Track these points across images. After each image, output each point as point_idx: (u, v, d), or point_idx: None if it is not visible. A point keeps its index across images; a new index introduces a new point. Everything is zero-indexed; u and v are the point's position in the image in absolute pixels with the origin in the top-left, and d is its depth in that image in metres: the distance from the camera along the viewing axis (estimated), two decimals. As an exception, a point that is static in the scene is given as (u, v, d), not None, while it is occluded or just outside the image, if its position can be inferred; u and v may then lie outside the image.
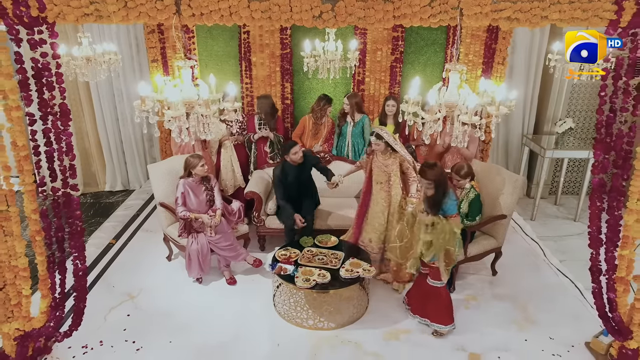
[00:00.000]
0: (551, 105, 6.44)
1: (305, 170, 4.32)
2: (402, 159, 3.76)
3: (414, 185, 3.73)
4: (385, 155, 3.77)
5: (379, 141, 3.67)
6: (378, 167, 3.82)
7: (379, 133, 3.67)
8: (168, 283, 4.13)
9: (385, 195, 3.83)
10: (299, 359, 3.23)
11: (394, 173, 3.76)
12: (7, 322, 3.03)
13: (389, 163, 3.76)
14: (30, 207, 2.74)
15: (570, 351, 3.33)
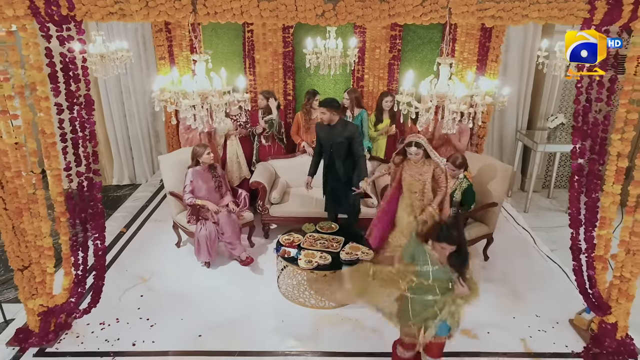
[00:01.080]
0: (543, 102, 6.68)
1: (338, 135, 4.13)
2: (435, 164, 3.63)
3: (439, 195, 3.65)
4: (419, 164, 3.63)
5: (419, 150, 3.52)
6: (411, 176, 3.66)
7: (418, 142, 3.51)
8: (178, 267, 4.37)
9: (420, 204, 3.71)
10: (302, 334, 3.48)
11: (428, 181, 3.64)
12: (32, 299, 3.28)
13: (424, 171, 3.62)
14: (56, 190, 2.99)
15: (555, 327, 3.57)
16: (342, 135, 4.09)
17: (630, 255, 3.02)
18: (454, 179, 4.09)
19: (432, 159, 3.59)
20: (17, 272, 3.21)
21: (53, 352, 3.34)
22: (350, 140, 4.11)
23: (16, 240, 3.10)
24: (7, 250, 3.14)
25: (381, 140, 5.30)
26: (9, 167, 2.90)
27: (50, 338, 3.37)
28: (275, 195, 4.76)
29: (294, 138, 5.30)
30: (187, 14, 2.46)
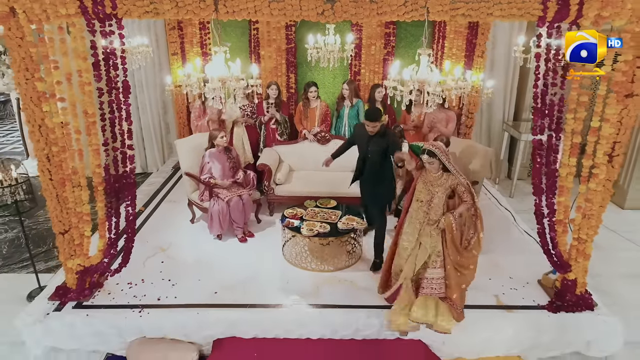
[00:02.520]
0: (528, 95, 7.20)
1: (377, 145, 4.03)
2: (455, 182, 3.30)
3: (463, 206, 3.34)
4: (436, 175, 3.34)
5: (432, 159, 3.26)
6: (424, 183, 3.39)
7: (431, 150, 3.23)
8: (193, 239, 4.89)
9: (423, 217, 3.42)
10: (304, 292, 3.99)
11: (438, 195, 3.33)
12: (71, 259, 3.79)
13: (439, 184, 3.33)
14: (95, 162, 3.50)
15: (525, 286, 4.09)
16: (382, 145, 4.01)
17: (585, 219, 3.54)
18: None
19: (451, 173, 3.29)
20: (59, 235, 3.72)
21: (89, 305, 3.86)
22: (387, 148, 4.02)
23: (59, 207, 3.61)
24: (51, 216, 3.65)
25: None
26: (55, 142, 3.40)
27: (86, 294, 3.89)
28: (279, 176, 5.28)
29: (297, 126, 5.82)
30: (210, 12, 2.97)
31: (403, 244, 3.52)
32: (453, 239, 3.37)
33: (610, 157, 3.33)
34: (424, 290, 3.51)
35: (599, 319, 3.72)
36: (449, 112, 5.43)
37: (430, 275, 3.50)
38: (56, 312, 3.78)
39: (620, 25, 3.03)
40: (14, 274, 5.11)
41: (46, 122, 3.33)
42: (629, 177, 6.76)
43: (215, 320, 3.72)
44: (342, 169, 5.57)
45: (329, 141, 5.59)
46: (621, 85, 3.13)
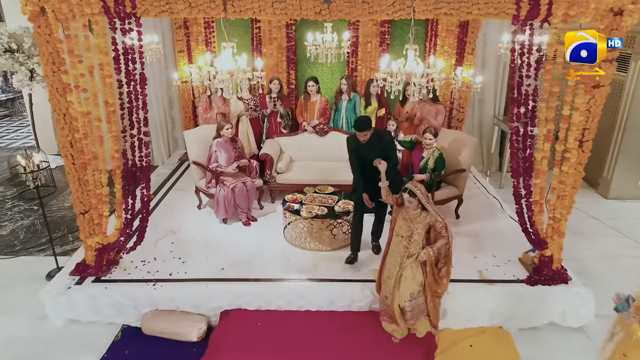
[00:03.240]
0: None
1: (372, 150, 4.07)
2: (433, 219, 3.45)
3: (441, 240, 3.50)
4: (415, 212, 3.49)
5: (412, 199, 3.40)
6: (404, 220, 3.53)
7: (412, 190, 3.39)
8: (200, 223, 5.25)
9: (403, 252, 3.56)
10: (303, 268, 4.35)
11: (417, 232, 3.48)
12: (90, 237, 4.14)
13: (418, 221, 3.48)
14: (114, 147, 3.86)
15: (507, 264, 4.45)
16: (377, 149, 4.06)
17: (559, 199, 3.89)
18: (428, 149, 4.95)
19: (429, 212, 3.45)
20: (80, 215, 4.08)
21: (106, 279, 4.22)
22: (385, 148, 4.10)
23: (80, 189, 3.97)
24: (73, 197, 4.01)
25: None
26: (77, 130, 3.76)
27: (103, 270, 4.25)
28: (281, 165, 5.64)
29: (298, 118, 6.18)
30: (219, 11, 3.32)
31: (387, 274, 3.72)
32: (432, 270, 3.60)
33: (580, 142, 3.68)
34: (410, 321, 3.73)
35: (573, 291, 4.07)
36: (438, 106, 5.80)
37: (412, 307, 3.67)
38: (77, 285, 4.14)
39: (585, 22, 3.39)
40: (32, 257, 5.46)
41: (70, 111, 3.68)
42: (612, 169, 7.11)
43: (222, 292, 4.08)
44: (338, 159, 5.93)
45: (326, 133, 5.95)
46: (589, 77, 3.48)
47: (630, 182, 7.08)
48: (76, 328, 4.22)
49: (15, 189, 7.42)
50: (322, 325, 3.99)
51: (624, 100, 6.79)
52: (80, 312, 4.18)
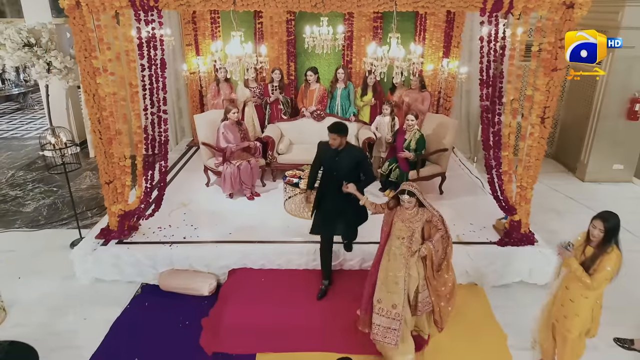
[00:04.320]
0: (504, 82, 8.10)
1: (343, 160, 4.01)
2: (430, 215, 3.50)
3: (438, 234, 3.54)
4: (412, 211, 3.50)
5: (412, 199, 3.41)
6: (402, 221, 3.52)
7: (411, 190, 3.39)
8: (209, 198, 5.82)
9: (406, 252, 3.53)
10: (302, 233, 4.89)
11: (417, 230, 3.50)
12: (114, 204, 4.71)
13: (416, 219, 3.49)
14: (136, 124, 4.42)
15: (482, 230, 5.02)
16: (349, 160, 4.00)
17: (525, 170, 4.46)
18: (410, 131, 5.50)
19: (426, 208, 3.49)
20: (105, 185, 4.63)
21: (128, 242, 4.79)
22: (358, 165, 4.03)
23: (106, 161, 4.53)
24: (100, 168, 4.57)
25: (365, 109, 6.76)
26: (104, 109, 4.32)
27: (125, 234, 4.81)
28: (281, 147, 6.20)
29: (298, 105, 6.76)
30: (229, 4, 3.89)
31: (394, 280, 3.57)
32: (432, 264, 3.60)
33: (542, 119, 4.25)
34: (419, 312, 3.68)
35: (538, 251, 4.64)
36: (424, 93, 6.40)
37: (421, 298, 3.66)
38: (103, 246, 4.71)
39: (544, 14, 3.95)
40: (56, 230, 6.04)
41: (99, 91, 4.24)
42: (588, 154, 7.68)
43: (230, 252, 4.65)
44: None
45: (323, 118, 6.51)
46: (547, 61, 4.05)
47: (605, 166, 7.65)
48: (101, 286, 4.78)
49: (34, 173, 8.00)
50: (317, 281, 4.55)
51: (598, 91, 7.36)
52: (104, 271, 4.74)
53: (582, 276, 3.07)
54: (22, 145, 9.67)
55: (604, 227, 3.00)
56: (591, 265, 3.05)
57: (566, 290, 3.25)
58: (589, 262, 3.07)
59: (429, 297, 3.67)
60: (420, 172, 5.59)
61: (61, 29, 8.93)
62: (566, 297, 3.25)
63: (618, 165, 7.64)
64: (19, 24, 8.47)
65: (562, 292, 3.30)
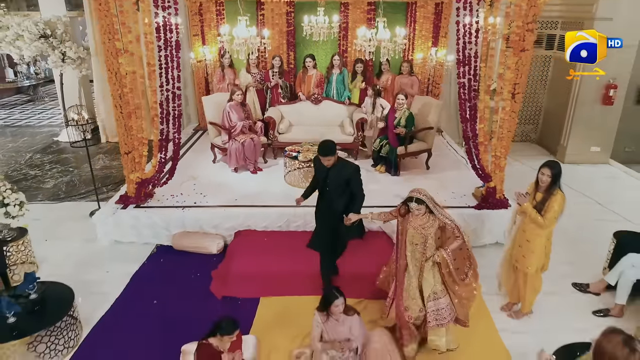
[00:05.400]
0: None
1: (335, 178, 4.02)
2: (442, 222, 3.46)
3: (456, 242, 3.50)
4: (424, 218, 3.48)
5: (420, 206, 3.39)
6: (414, 229, 3.50)
7: (419, 198, 3.37)
8: (216, 172, 6.37)
9: (420, 257, 3.55)
10: (301, 199, 5.47)
11: (431, 236, 3.48)
12: (132, 173, 5.26)
13: (428, 225, 3.46)
14: (152, 99, 4.98)
15: (462, 197, 5.58)
16: (340, 177, 4.01)
17: (499, 140, 5.01)
18: (400, 109, 6.05)
19: (436, 215, 3.45)
20: (124, 155, 5.18)
21: (144, 206, 5.34)
22: (349, 182, 4.01)
23: (126, 133, 5.07)
24: (120, 140, 5.11)
25: (355, 92, 7.34)
26: (125, 85, 4.87)
27: (142, 199, 5.37)
28: (282, 127, 6.76)
29: (297, 89, 7.32)
30: (237, -6, 4.45)
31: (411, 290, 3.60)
32: (450, 273, 3.54)
33: (513, 94, 4.80)
34: (430, 323, 3.56)
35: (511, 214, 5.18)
36: (412, 77, 7.00)
37: (436, 307, 3.56)
38: (122, 210, 5.27)
39: (513, 1, 4.51)
40: (75, 202, 6.60)
41: (120, 70, 4.79)
42: (567, 138, 8.25)
43: (236, 215, 5.21)
44: (329, 124, 7.06)
45: (320, 102, 7.07)
46: (516, 43, 4.60)
47: (583, 149, 8.21)
48: (119, 247, 5.35)
49: (50, 155, 8.55)
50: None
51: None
52: (123, 233, 5.30)
53: (537, 217, 3.63)
54: (36, 132, 10.23)
55: (551, 173, 3.56)
56: (542, 207, 3.62)
57: (523, 233, 3.82)
58: (540, 205, 3.63)
59: (449, 305, 3.57)
60: (408, 148, 6.15)
61: (74, 22, 9.50)
62: (523, 238, 3.81)
63: (595, 147, 8.20)
64: (36, 16, 9.02)
65: (519, 235, 3.87)
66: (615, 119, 7.98)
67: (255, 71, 7.16)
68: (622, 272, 4.11)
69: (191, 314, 4.17)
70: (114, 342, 3.87)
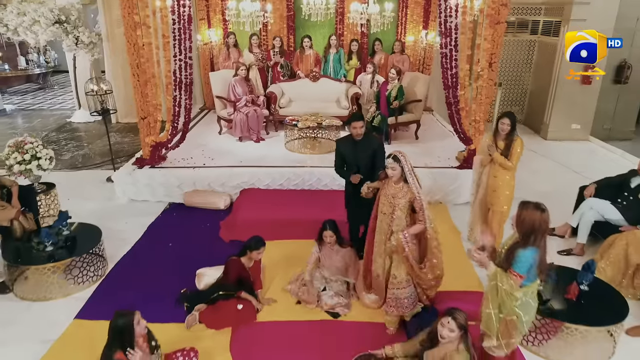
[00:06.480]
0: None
1: (364, 151, 4.03)
2: (413, 196, 3.32)
3: (417, 226, 3.36)
4: (397, 185, 3.37)
5: (396, 165, 3.29)
6: (385, 196, 3.44)
7: (397, 156, 3.29)
8: (222, 143, 6.94)
9: (387, 229, 3.46)
10: (300, 161, 6.02)
11: (399, 207, 3.35)
12: (148, 137, 5.81)
13: (400, 196, 3.35)
14: (167, 68, 5.54)
15: (447, 160, 6.14)
16: (368, 149, 4.03)
17: (478, 105, 5.57)
18: (392, 82, 6.61)
19: (410, 186, 3.32)
20: (140, 120, 5.74)
21: (158, 167, 5.91)
22: (375, 153, 4.01)
23: (142, 99, 5.63)
24: (136, 106, 5.67)
25: (350, 71, 7.91)
26: (142, 56, 5.43)
27: (156, 161, 5.93)
28: (283, 101, 7.33)
29: (294, 68, 7.89)
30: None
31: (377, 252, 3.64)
32: (407, 258, 3.39)
33: (490, 63, 5.36)
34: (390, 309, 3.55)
35: (489, 173, 5.75)
36: (403, 56, 7.60)
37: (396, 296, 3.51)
38: (139, 169, 5.83)
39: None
40: (92, 170, 7.16)
41: (138, 41, 5.35)
42: (549, 114, 8.81)
43: (241, 174, 5.78)
44: (326, 100, 7.61)
45: (318, 79, 7.64)
46: (492, 16, 5.17)
47: (564, 126, 8.77)
48: (135, 204, 5.91)
49: (65, 134, 9.11)
50: (313, 197, 5.66)
51: (557, 60, 8.48)
52: (139, 191, 5.86)
53: (505, 162, 4.20)
54: (49, 115, 10.79)
55: (509, 122, 4.13)
56: (507, 152, 4.18)
57: (495, 178, 4.37)
58: (505, 151, 4.20)
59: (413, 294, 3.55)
60: (398, 119, 6.71)
61: (87, 9, 10.07)
62: (496, 183, 4.37)
63: (575, 125, 8.76)
64: (50, 4, 9.57)
65: (491, 181, 4.42)
66: (593, 98, 8.54)
67: (257, 51, 7.73)
68: (583, 213, 4.67)
69: (203, 254, 4.71)
70: (134, 274, 4.42)
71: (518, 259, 2.59)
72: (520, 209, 2.66)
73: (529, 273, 2.62)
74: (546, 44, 8.94)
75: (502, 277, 2.62)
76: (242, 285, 3.77)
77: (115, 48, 9.12)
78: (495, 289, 2.67)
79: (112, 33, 9.14)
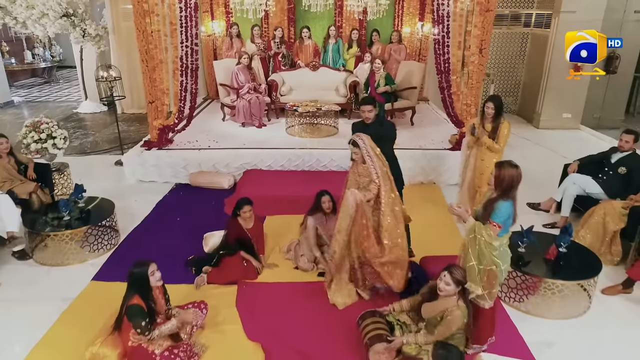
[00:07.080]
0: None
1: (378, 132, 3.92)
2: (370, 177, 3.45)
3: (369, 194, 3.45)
4: (364, 165, 3.47)
5: (356, 149, 3.42)
6: (353, 173, 3.55)
7: (355, 140, 3.43)
8: (225, 128, 7.24)
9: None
10: (300, 144, 6.32)
11: (363, 186, 3.47)
12: (155, 120, 6.12)
13: (365, 174, 3.47)
14: (174, 54, 5.84)
15: (440, 143, 6.43)
16: (382, 130, 4.06)
17: (469, 90, 5.88)
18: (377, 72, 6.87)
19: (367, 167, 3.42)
20: (148, 104, 6.04)
21: (165, 149, 6.21)
22: (387, 138, 4.05)
23: (150, 84, 5.93)
24: (145, 90, 5.97)
25: (351, 60, 8.21)
26: (151, 42, 5.73)
27: (163, 143, 6.23)
28: (283, 89, 7.64)
29: (294, 58, 8.19)
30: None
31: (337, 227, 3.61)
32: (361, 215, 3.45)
33: (480, 49, 5.66)
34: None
35: (480, 154, 6.05)
36: (400, 46, 7.90)
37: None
38: (147, 151, 6.13)
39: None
40: (100, 155, 7.46)
41: (147, 28, 5.65)
42: (541, 104, 9.11)
43: (244, 155, 6.08)
44: (326, 88, 7.91)
45: (317, 68, 7.94)
46: (482, 4, 5.47)
47: (556, 115, 9.06)
48: (144, 184, 6.21)
49: (73, 123, 9.41)
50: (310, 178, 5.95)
51: (548, 51, 8.77)
52: (147, 172, 6.16)
53: (493, 145, 4.48)
54: (56, 106, 11.10)
55: (494, 105, 4.41)
56: (493, 135, 4.46)
57: (482, 161, 4.64)
58: (492, 134, 4.48)
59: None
60: (394, 105, 7.02)
61: (93, 2, 10.35)
62: (484, 165, 4.63)
63: (567, 114, 9.06)
64: (58, -4, 9.87)
65: (479, 164, 4.68)
66: (584, 88, 8.83)
67: (259, 41, 8.03)
68: (566, 188, 4.97)
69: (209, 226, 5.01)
70: (145, 243, 4.72)
71: (497, 209, 2.89)
72: (499, 170, 2.97)
73: (505, 223, 2.92)
74: (538, 36, 9.24)
75: (481, 229, 2.92)
76: (242, 245, 4.09)
77: (121, 41, 9.43)
78: (474, 241, 2.95)
79: (118, 26, 9.44)
